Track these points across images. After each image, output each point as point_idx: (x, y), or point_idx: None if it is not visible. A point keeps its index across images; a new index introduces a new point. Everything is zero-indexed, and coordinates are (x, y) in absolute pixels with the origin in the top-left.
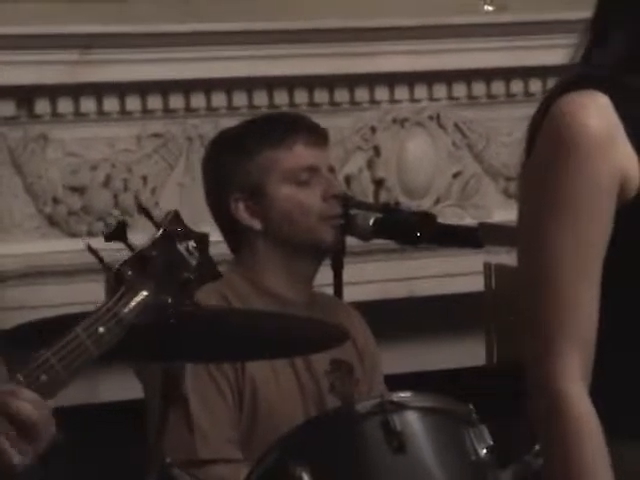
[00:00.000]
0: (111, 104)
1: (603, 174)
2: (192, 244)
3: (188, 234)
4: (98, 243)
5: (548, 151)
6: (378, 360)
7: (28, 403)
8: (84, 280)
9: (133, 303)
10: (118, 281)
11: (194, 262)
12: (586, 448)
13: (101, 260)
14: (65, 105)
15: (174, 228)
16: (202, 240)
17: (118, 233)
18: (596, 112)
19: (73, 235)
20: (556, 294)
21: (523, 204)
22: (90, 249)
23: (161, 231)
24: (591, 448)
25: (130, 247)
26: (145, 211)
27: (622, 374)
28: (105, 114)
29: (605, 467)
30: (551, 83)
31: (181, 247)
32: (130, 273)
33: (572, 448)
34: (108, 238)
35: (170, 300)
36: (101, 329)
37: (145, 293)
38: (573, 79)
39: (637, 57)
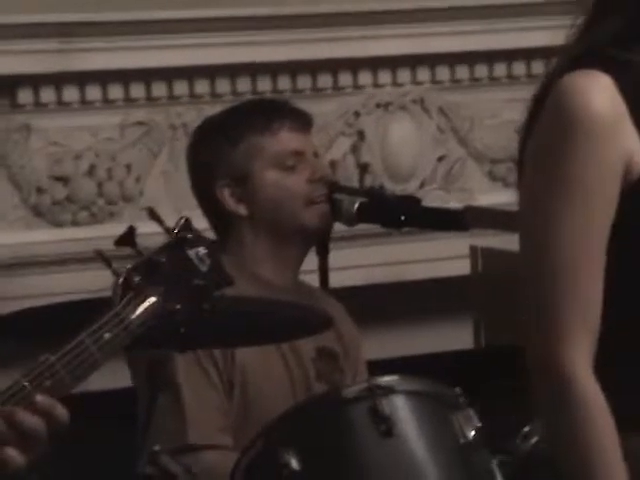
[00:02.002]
0: (93, 93)
1: (611, 155)
2: (202, 250)
3: (198, 240)
4: (81, 232)
5: (554, 132)
6: (362, 351)
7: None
8: (69, 270)
9: (141, 309)
10: (126, 287)
11: (204, 268)
12: (596, 431)
13: (110, 265)
14: (47, 94)
15: (184, 234)
16: (213, 247)
17: (127, 239)
18: (601, 93)
19: (58, 225)
20: (567, 277)
21: (527, 185)
22: (98, 253)
23: (171, 237)
24: (601, 431)
25: (139, 253)
26: (155, 216)
27: (626, 357)
28: (88, 103)
29: (615, 449)
30: (535, 65)
31: (191, 253)
32: (138, 279)
33: (582, 432)
34: (117, 243)
35: (179, 307)
36: (107, 335)
37: (153, 299)
38: (574, 59)
39: (632, 38)
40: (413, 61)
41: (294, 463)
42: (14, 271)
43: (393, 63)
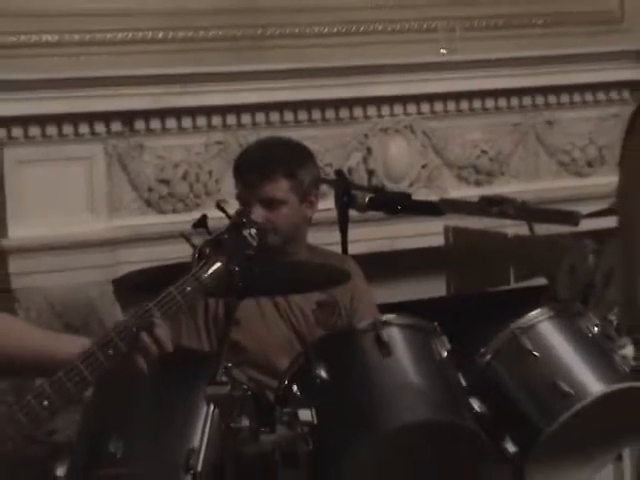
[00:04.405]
0: (186, 122)
1: None
2: (253, 231)
3: (251, 223)
4: (178, 218)
5: None
6: (370, 298)
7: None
8: (169, 243)
9: (210, 271)
10: (200, 255)
11: (255, 243)
12: None
13: (191, 243)
14: (155, 123)
15: (241, 219)
16: (261, 229)
17: (201, 223)
18: None
19: (162, 212)
20: None
21: (624, 178)
22: (183, 236)
23: (231, 221)
24: None
25: (209, 232)
26: (221, 207)
27: None
28: (182, 129)
29: None
30: (488, 102)
31: (245, 232)
32: (208, 250)
33: None
34: (195, 226)
35: (237, 269)
36: (188, 288)
37: (219, 264)
38: None
39: None
40: (404, 99)
41: (323, 374)
42: (134, 244)
43: (391, 101)
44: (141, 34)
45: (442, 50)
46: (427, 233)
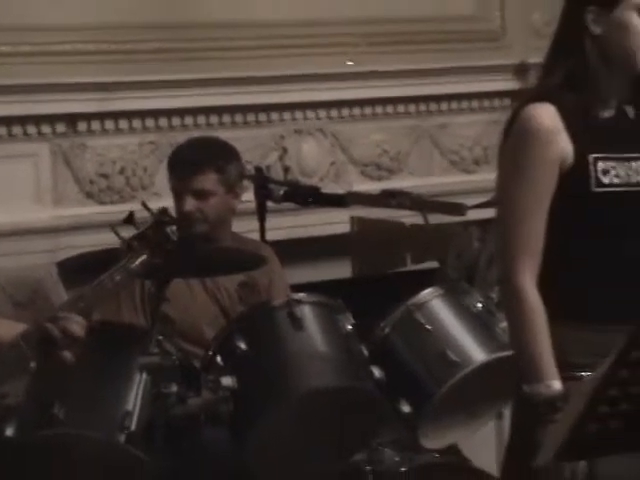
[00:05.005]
0: (123, 124)
1: (552, 154)
2: (174, 228)
3: (172, 220)
4: (115, 208)
5: (518, 140)
6: (284, 280)
7: (77, 324)
8: (107, 232)
9: (137, 262)
10: (129, 248)
11: (175, 238)
12: (532, 318)
13: (120, 236)
14: (95, 125)
15: (163, 217)
16: (183, 224)
17: (129, 220)
18: (548, 116)
19: (101, 203)
20: (518, 225)
21: (501, 174)
22: (113, 230)
23: (155, 219)
24: (538, 323)
25: (137, 228)
26: (146, 206)
27: (573, 275)
28: (120, 130)
29: (546, 338)
30: (388, 108)
31: (167, 229)
32: (136, 244)
33: (523, 318)
34: (123, 222)
35: (159, 260)
36: (117, 277)
37: (145, 256)
38: (532, 95)
39: (570, 84)
40: (316, 105)
41: (243, 345)
42: (75, 231)
43: (304, 106)
44: (84, 46)
45: (349, 62)
46: (335, 222)
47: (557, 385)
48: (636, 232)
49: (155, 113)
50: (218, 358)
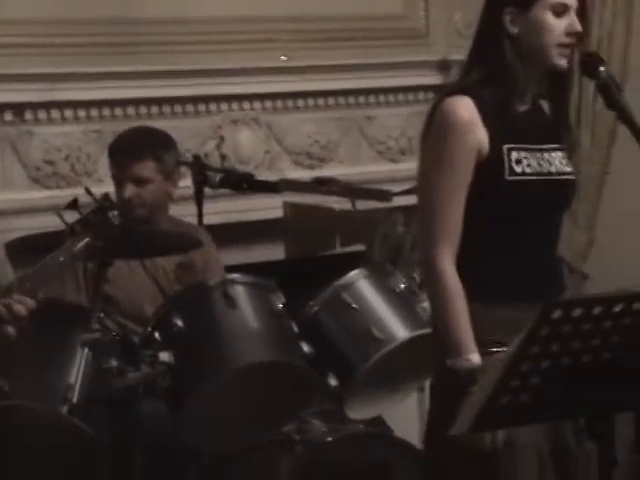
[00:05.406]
0: (68, 114)
1: (469, 144)
2: (115, 212)
3: (113, 206)
4: (61, 193)
5: (437, 131)
6: (218, 261)
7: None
8: (52, 215)
9: (81, 244)
10: (72, 232)
11: (117, 222)
12: (452, 300)
13: (64, 221)
14: (42, 114)
15: (105, 202)
16: (123, 209)
17: (73, 205)
18: (465, 109)
19: (47, 188)
20: (438, 210)
21: (422, 162)
22: (58, 214)
23: (98, 204)
24: (457, 302)
25: (80, 213)
26: (89, 192)
27: (490, 258)
28: (65, 119)
29: (465, 316)
30: (319, 101)
31: (109, 214)
32: (79, 228)
33: (444, 300)
34: (67, 207)
35: (101, 243)
36: (61, 258)
37: (87, 239)
38: (452, 89)
39: (489, 80)
40: (251, 97)
41: (180, 322)
42: (22, 214)
43: (240, 98)
44: (33, 39)
45: (282, 57)
46: (268, 207)
47: (476, 358)
48: (546, 218)
49: (99, 103)
50: (156, 334)
